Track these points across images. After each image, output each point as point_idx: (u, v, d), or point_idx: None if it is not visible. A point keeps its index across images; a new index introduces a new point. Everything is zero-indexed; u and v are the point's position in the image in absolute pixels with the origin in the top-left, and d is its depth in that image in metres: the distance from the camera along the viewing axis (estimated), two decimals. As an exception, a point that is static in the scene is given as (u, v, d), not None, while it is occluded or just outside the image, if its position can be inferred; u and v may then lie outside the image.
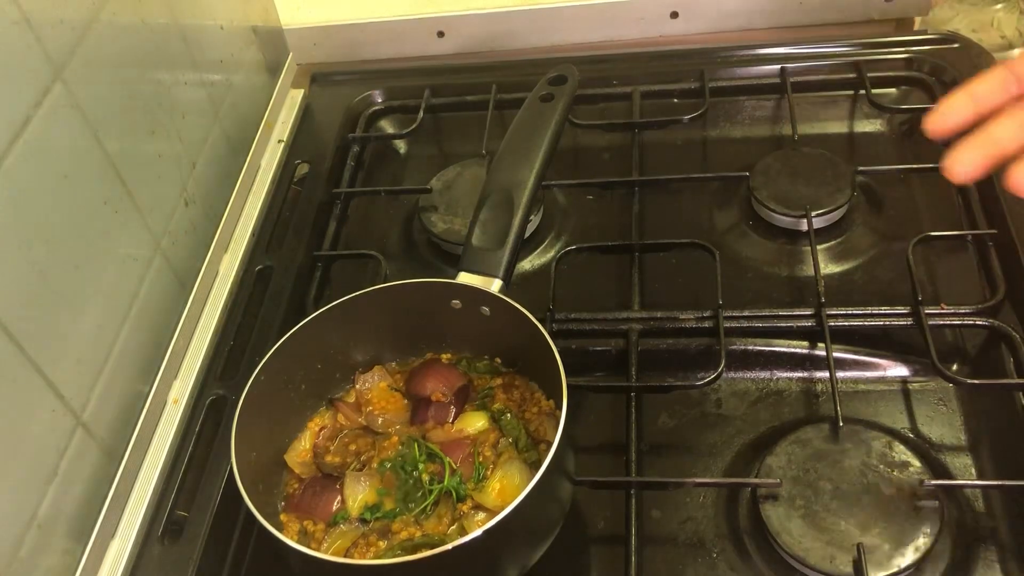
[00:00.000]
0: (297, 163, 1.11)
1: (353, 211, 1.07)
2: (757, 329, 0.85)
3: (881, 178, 0.99)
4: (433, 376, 0.80)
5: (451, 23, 1.20)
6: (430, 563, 0.61)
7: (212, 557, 0.76)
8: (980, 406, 0.80)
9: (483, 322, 0.77)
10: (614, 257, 0.94)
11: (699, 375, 0.83)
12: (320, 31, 1.22)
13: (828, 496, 0.72)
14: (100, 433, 0.75)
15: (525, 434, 0.74)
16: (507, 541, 0.66)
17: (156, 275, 0.85)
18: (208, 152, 0.97)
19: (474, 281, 0.77)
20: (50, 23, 0.71)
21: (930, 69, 1.07)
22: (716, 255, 0.88)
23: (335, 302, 0.78)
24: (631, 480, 0.76)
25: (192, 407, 0.86)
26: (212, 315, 0.91)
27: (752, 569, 0.72)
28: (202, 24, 0.98)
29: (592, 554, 0.76)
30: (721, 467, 0.79)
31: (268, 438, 0.75)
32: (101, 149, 0.77)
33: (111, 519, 0.75)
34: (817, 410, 0.82)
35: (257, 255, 1.00)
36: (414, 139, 1.14)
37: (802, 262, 0.93)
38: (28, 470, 0.67)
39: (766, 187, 0.96)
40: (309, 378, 0.78)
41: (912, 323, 0.83)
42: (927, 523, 0.70)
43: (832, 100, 1.09)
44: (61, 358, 0.70)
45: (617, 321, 0.87)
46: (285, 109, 1.16)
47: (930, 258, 0.91)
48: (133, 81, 0.83)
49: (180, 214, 0.90)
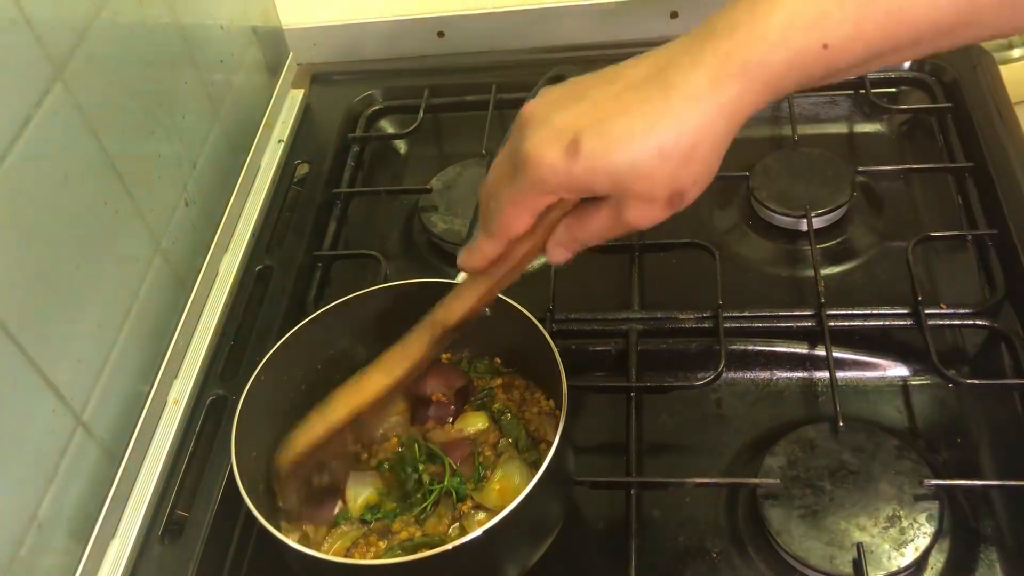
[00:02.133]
0: (297, 163, 1.11)
1: (353, 211, 1.07)
2: (757, 329, 0.85)
3: (881, 178, 0.99)
4: (433, 376, 0.79)
5: (451, 23, 1.20)
6: (430, 563, 0.61)
7: (212, 557, 0.76)
8: (980, 406, 0.80)
9: (483, 322, 0.77)
10: (614, 257, 0.94)
11: (699, 375, 0.83)
12: (320, 31, 1.22)
13: (828, 496, 0.72)
14: (100, 433, 0.75)
15: (525, 434, 0.74)
16: (507, 541, 0.66)
17: (156, 275, 0.85)
18: (208, 152, 0.97)
19: None
20: (50, 23, 0.71)
21: (930, 69, 1.07)
22: (716, 255, 0.89)
23: (336, 301, 0.78)
24: (631, 480, 0.76)
25: (192, 407, 0.85)
26: (212, 315, 0.91)
27: (752, 569, 0.72)
28: (202, 24, 0.98)
29: (592, 554, 0.76)
30: (721, 467, 0.79)
31: (269, 438, 0.75)
32: (101, 149, 0.77)
33: (111, 519, 0.75)
34: (817, 410, 0.82)
35: (257, 255, 1.00)
36: (414, 139, 1.14)
37: (802, 262, 0.93)
38: (28, 470, 0.67)
39: (766, 187, 0.96)
40: (309, 378, 0.78)
41: (912, 323, 0.83)
42: (927, 523, 0.70)
43: (832, 100, 1.09)
44: (61, 358, 0.70)
45: (617, 321, 0.87)
46: (285, 109, 1.16)
47: (930, 258, 0.91)
48: (133, 81, 0.83)
49: (180, 214, 0.90)
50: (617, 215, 0.53)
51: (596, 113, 0.50)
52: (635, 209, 0.51)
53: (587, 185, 0.51)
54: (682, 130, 0.48)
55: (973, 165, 0.96)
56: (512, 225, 0.55)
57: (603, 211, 0.54)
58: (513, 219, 0.55)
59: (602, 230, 0.55)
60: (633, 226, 0.53)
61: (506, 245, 0.57)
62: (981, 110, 1.00)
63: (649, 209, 0.51)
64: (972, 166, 0.96)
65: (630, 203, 0.51)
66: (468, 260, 0.60)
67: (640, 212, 0.52)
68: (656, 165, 0.49)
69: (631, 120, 0.49)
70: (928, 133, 1.05)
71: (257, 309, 0.94)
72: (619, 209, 0.52)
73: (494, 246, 0.58)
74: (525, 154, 0.51)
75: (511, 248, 0.58)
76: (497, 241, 0.57)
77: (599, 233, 0.55)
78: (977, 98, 1.01)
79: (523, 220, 0.55)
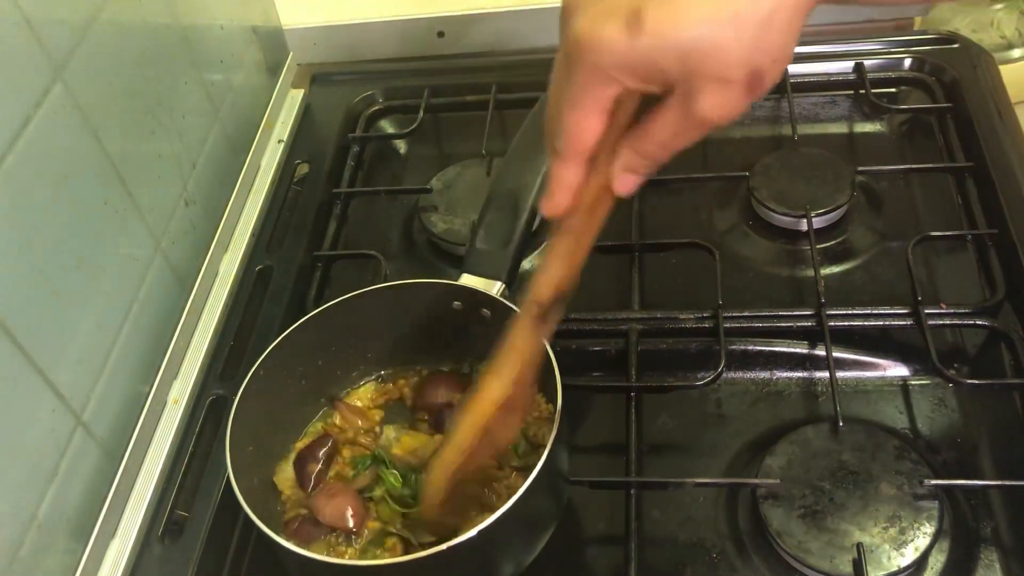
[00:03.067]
0: (297, 163, 1.11)
1: (353, 211, 1.07)
2: (757, 329, 0.85)
3: (881, 178, 0.99)
4: (443, 384, 0.80)
5: (451, 23, 1.20)
6: (426, 563, 0.61)
7: (212, 557, 0.76)
8: (980, 406, 0.80)
9: (484, 324, 0.77)
10: (614, 257, 0.94)
11: (699, 375, 0.83)
12: (320, 31, 1.22)
13: (828, 496, 0.72)
14: (100, 433, 0.75)
15: (524, 439, 0.74)
16: (503, 540, 0.66)
17: (156, 275, 0.85)
18: (208, 152, 0.97)
19: (476, 283, 0.77)
20: (50, 23, 0.71)
21: (930, 69, 1.07)
22: (716, 255, 0.89)
23: (338, 299, 0.78)
24: (631, 480, 0.76)
25: (192, 407, 0.86)
26: (212, 315, 0.91)
27: (752, 569, 0.72)
28: (202, 24, 0.98)
29: (592, 554, 0.76)
30: (721, 467, 0.79)
31: (267, 432, 0.75)
32: (101, 149, 0.77)
33: (111, 519, 0.75)
34: (817, 410, 0.82)
35: (257, 255, 1.00)
36: (414, 139, 1.14)
37: (802, 262, 0.93)
38: (28, 470, 0.67)
39: (766, 187, 0.96)
40: (309, 374, 0.78)
41: (912, 323, 0.83)
42: (927, 523, 0.70)
43: (832, 100, 1.09)
44: (61, 358, 0.70)
45: (617, 321, 0.87)
46: (285, 109, 1.16)
47: (930, 258, 0.91)
48: (133, 81, 0.83)
49: (180, 214, 0.90)
50: (688, 109, 0.45)
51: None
52: (710, 96, 0.44)
53: (654, 64, 0.44)
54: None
55: (973, 165, 0.96)
56: (580, 132, 0.48)
57: (671, 109, 0.46)
58: (579, 124, 0.48)
59: (673, 135, 0.48)
60: (708, 120, 0.46)
61: (582, 165, 0.50)
62: (981, 110, 1.00)
63: (726, 94, 0.44)
64: (972, 166, 0.96)
65: (703, 88, 0.44)
66: (552, 202, 0.52)
67: (716, 99, 0.45)
68: (732, 36, 0.43)
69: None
70: (928, 133, 1.05)
71: (257, 309, 0.94)
72: (689, 100, 0.45)
73: (570, 170, 0.50)
74: (577, 36, 0.45)
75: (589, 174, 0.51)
76: (571, 161, 0.50)
77: (669, 140, 0.48)
78: (977, 98, 1.02)
79: (591, 123, 0.48)
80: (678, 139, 0.48)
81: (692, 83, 0.44)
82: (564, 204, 0.52)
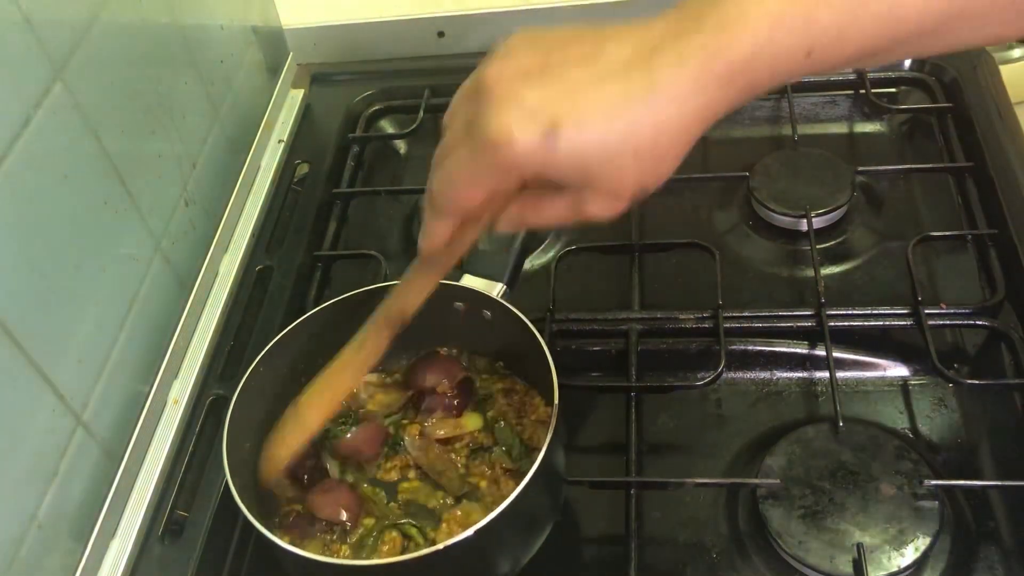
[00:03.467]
0: (297, 163, 1.11)
1: (353, 211, 1.07)
2: (757, 329, 0.85)
3: (881, 178, 0.99)
4: (436, 368, 0.80)
5: (451, 23, 1.20)
6: (423, 562, 0.61)
7: (212, 557, 0.76)
8: (980, 406, 0.80)
9: (485, 325, 0.77)
10: (614, 257, 0.94)
11: (699, 375, 0.83)
12: (320, 31, 1.22)
13: (828, 496, 0.72)
14: (100, 433, 0.75)
15: (519, 443, 0.74)
16: (499, 540, 0.66)
17: (156, 275, 0.85)
18: (208, 152, 0.97)
19: (477, 284, 0.77)
20: (50, 23, 0.71)
21: (930, 69, 1.07)
22: (716, 255, 0.88)
23: (339, 297, 0.78)
24: (631, 480, 0.76)
25: (192, 407, 0.86)
26: (212, 315, 0.91)
27: (752, 569, 0.72)
28: (202, 24, 0.98)
29: (592, 554, 0.76)
30: (721, 467, 0.79)
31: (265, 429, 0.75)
32: (101, 149, 0.77)
33: (111, 519, 0.75)
34: (817, 410, 0.82)
35: (257, 255, 1.00)
36: (414, 139, 1.14)
37: (802, 262, 0.93)
38: (28, 470, 0.67)
39: (766, 187, 0.96)
40: (309, 372, 0.78)
41: (912, 323, 0.83)
42: (927, 523, 0.70)
43: (832, 100, 1.09)
44: (61, 358, 0.70)
45: (617, 321, 0.87)
46: (285, 109, 1.16)
47: (930, 258, 0.91)
48: (133, 81, 0.83)
49: (180, 214, 0.90)
50: (577, 205, 0.52)
51: (575, 99, 0.48)
52: (598, 202, 0.51)
53: (559, 172, 0.49)
54: (660, 131, 0.48)
55: (973, 165, 0.96)
56: (468, 202, 0.53)
57: (562, 200, 0.53)
58: (470, 197, 0.53)
59: (558, 218, 0.55)
60: (590, 218, 0.53)
61: (458, 223, 0.56)
62: (981, 110, 1.00)
63: (612, 203, 0.51)
64: (972, 166, 0.96)
65: (594, 196, 0.51)
66: (428, 245, 0.58)
67: (602, 205, 0.52)
68: (631, 164, 0.49)
69: (612, 116, 0.48)
70: (928, 133, 1.05)
71: (257, 309, 0.94)
72: (580, 200, 0.52)
73: (448, 226, 0.56)
74: (494, 133, 0.49)
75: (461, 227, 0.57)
76: (451, 221, 0.56)
77: (554, 220, 0.55)
78: (977, 98, 1.02)
79: (478, 199, 0.53)
80: (561, 220, 0.54)
81: (585, 191, 0.51)
82: (439, 250, 0.59)
